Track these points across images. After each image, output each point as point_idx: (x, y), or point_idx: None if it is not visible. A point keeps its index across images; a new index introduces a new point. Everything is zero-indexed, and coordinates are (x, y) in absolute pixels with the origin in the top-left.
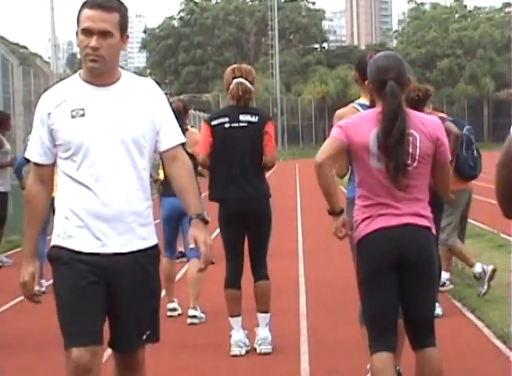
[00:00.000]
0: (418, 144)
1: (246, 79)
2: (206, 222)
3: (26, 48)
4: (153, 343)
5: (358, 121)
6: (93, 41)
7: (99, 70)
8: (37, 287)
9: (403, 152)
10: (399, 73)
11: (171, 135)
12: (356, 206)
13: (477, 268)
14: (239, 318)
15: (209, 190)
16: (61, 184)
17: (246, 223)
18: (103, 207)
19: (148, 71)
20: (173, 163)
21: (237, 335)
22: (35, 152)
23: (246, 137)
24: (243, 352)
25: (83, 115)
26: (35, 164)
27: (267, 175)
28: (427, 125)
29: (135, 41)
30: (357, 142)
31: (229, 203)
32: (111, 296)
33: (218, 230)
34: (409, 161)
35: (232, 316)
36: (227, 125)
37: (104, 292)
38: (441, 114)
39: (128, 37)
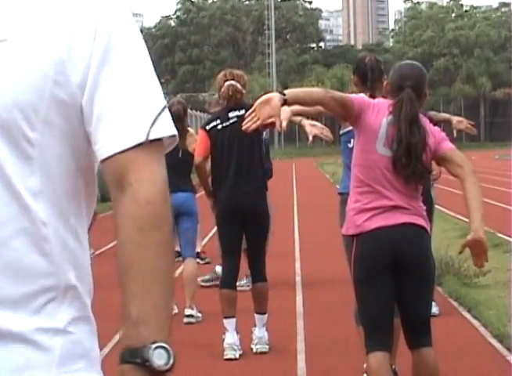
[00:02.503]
0: None
1: (237, 82)
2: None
3: None
4: None
5: (381, 105)
6: None
7: None
8: None
9: (421, 145)
10: (418, 84)
11: (119, 125)
12: (351, 191)
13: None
14: (234, 319)
15: (213, 193)
16: None
17: (244, 222)
18: None
19: None
20: (121, 195)
21: (231, 338)
22: None
23: (237, 132)
24: (237, 355)
25: None
26: None
27: None
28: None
29: None
30: (370, 121)
31: (227, 202)
32: None
33: (215, 229)
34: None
35: (226, 318)
36: (220, 127)
37: None
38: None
39: None
